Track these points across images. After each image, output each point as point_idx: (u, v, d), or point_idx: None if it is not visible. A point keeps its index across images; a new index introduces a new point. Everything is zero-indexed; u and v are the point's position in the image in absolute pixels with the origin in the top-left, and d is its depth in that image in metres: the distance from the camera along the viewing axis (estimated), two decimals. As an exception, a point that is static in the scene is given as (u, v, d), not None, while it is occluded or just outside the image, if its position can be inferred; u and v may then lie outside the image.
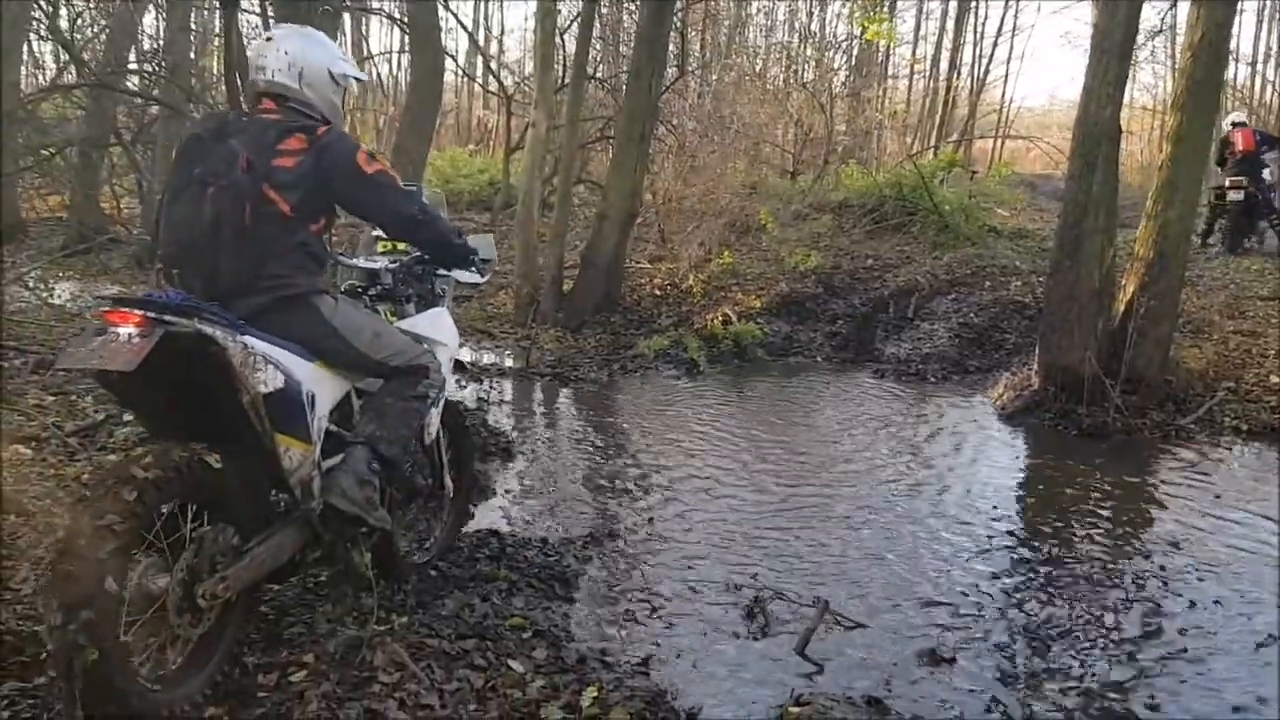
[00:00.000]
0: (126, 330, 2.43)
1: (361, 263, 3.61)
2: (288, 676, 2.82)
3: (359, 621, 3.13)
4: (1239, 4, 6.81)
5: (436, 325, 3.59)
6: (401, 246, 3.64)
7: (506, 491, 4.97)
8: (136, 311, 2.46)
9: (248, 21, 12.16)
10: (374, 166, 2.99)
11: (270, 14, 6.32)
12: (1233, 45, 24.06)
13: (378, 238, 3.70)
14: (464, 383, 6.75)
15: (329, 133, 2.96)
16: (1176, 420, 6.46)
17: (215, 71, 10.56)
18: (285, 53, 3.03)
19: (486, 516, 4.56)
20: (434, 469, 3.75)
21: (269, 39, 3.15)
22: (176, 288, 2.78)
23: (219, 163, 2.81)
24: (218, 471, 2.62)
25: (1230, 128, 11.69)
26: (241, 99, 4.44)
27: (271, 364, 2.71)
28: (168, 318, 2.48)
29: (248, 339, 2.65)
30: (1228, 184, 11.14)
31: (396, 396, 3.12)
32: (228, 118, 3.07)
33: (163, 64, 10.25)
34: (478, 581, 3.68)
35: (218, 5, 6.11)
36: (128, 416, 4.77)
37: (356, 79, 3.33)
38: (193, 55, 11.99)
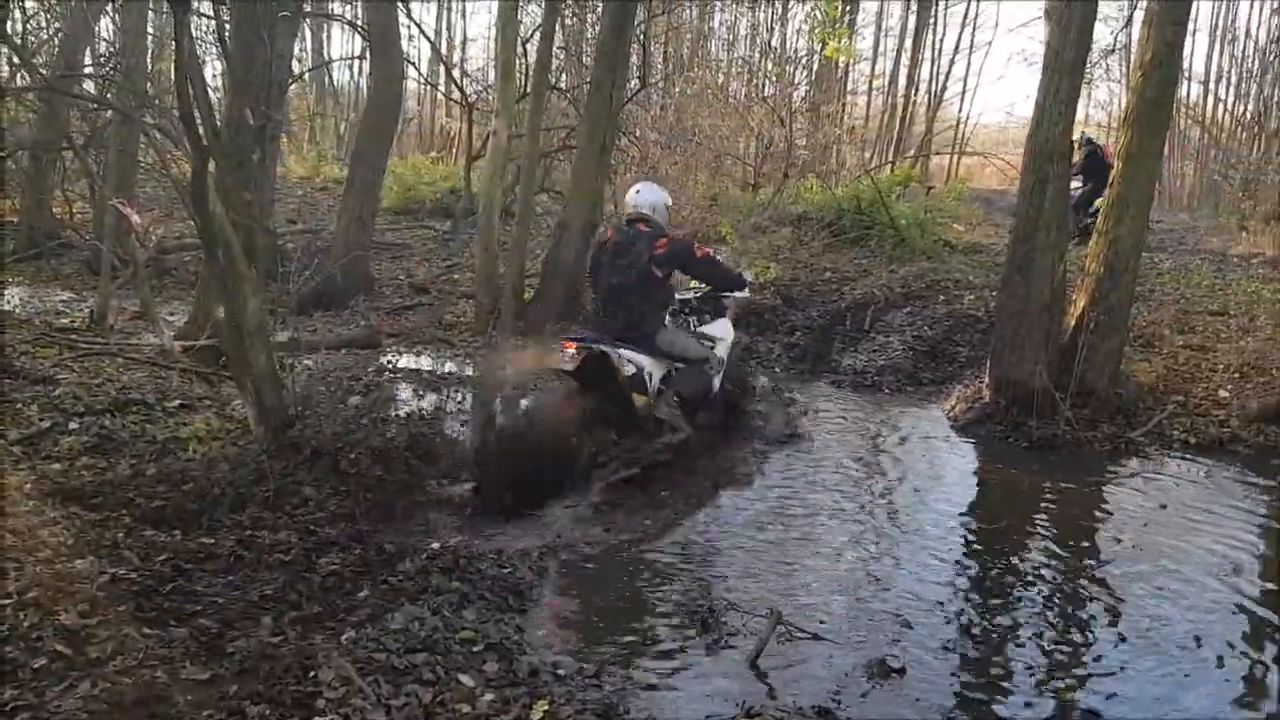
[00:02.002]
0: (570, 351, 5.24)
1: (679, 294, 6.28)
2: (227, 691, 2.78)
3: (302, 635, 3.09)
4: (1190, 24, 6.93)
5: (721, 329, 6.38)
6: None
7: (462, 500, 4.93)
8: (574, 342, 5.30)
9: (201, 25, 12.05)
10: (701, 251, 5.89)
11: (225, 18, 6.25)
12: (1185, 64, 24.69)
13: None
14: (422, 392, 6.71)
15: (677, 239, 5.89)
16: (1126, 433, 6.57)
17: (171, 75, 10.41)
18: (647, 199, 5.87)
19: (441, 529, 4.53)
20: (726, 405, 6.35)
21: (638, 191, 5.98)
22: (603, 320, 5.67)
23: (629, 254, 5.58)
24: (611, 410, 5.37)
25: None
26: (194, 103, 4.38)
27: (630, 361, 5.42)
28: (588, 344, 5.24)
29: (620, 350, 5.37)
30: None
31: (691, 371, 5.91)
32: (630, 233, 5.70)
33: (117, 68, 10.09)
34: (429, 594, 3.65)
35: (168, 9, 6.04)
36: (73, 425, 4.72)
37: (668, 205, 6.06)
38: (149, 59, 11.82)
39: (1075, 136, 9.54)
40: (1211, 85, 25.96)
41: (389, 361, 7.56)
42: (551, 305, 8.97)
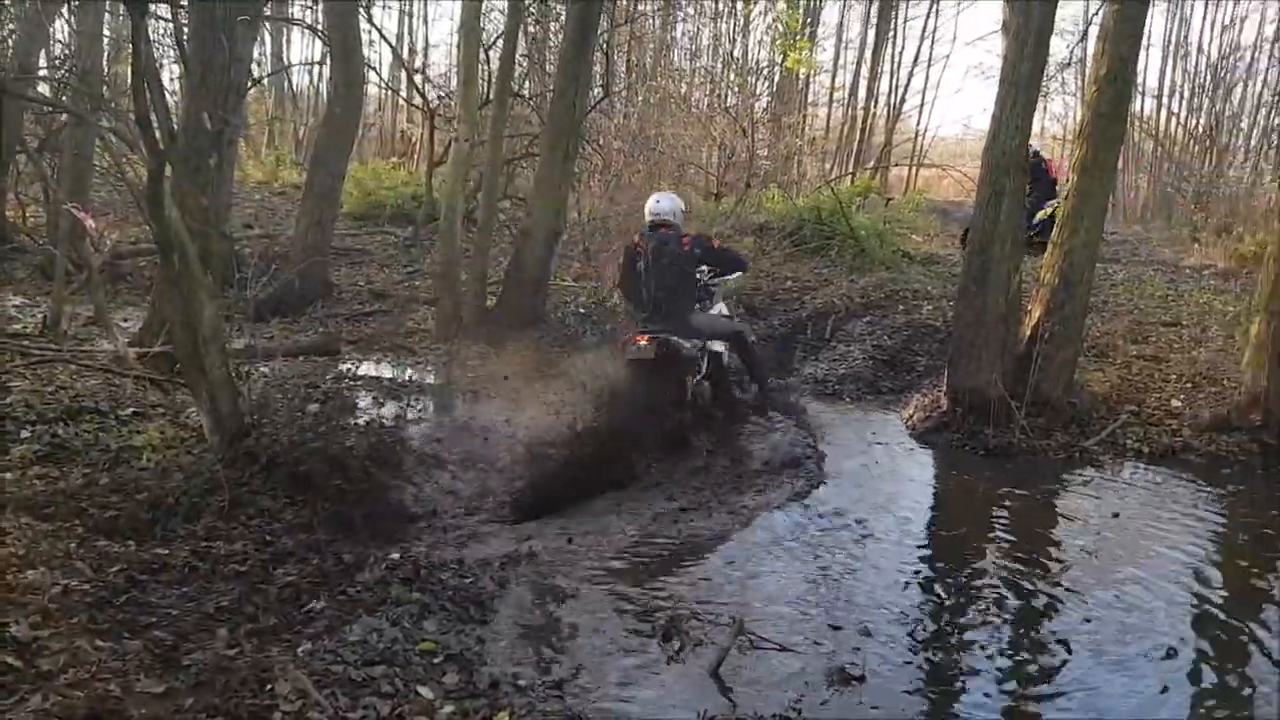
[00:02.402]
0: (643, 343, 6.14)
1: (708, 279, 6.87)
2: (182, 704, 2.73)
3: (258, 647, 3.05)
4: (1144, 39, 7.08)
5: (724, 309, 7.19)
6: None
7: (422, 510, 4.89)
8: (645, 334, 6.20)
9: (158, 28, 11.89)
10: (715, 242, 6.95)
11: (183, 21, 6.17)
12: (1139, 79, 25.18)
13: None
14: (382, 400, 6.65)
15: (695, 236, 6.77)
16: (1080, 442, 6.68)
17: (128, 78, 10.28)
18: (667, 206, 6.66)
19: (401, 538, 4.49)
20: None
21: (658, 200, 6.73)
22: (655, 313, 6.44)
23: (667, 254, 6.42)
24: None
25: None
26: (150, 107, 4.33)
27: (686, 345, 6.32)
28: (658, 336, 6.18)
29: (676, 338, 6.29)
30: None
31: (732, 345, 6.84)
32: (661, 236, 6.50)
33: (72, 70, 9.93)
34: (388, 605, 3.61)
35: (125, 11, 5.95)
36: (24, 434, 4.63)
37: (683, 210, 7.00)
38: (105, 62, 11.64)
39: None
40: (1165, 99, 26.48)
41: (348, 369, 7.48)
42: (514, 313, 8.95)
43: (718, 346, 6.65)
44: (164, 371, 6.21)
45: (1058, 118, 26.47)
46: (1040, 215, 11.51)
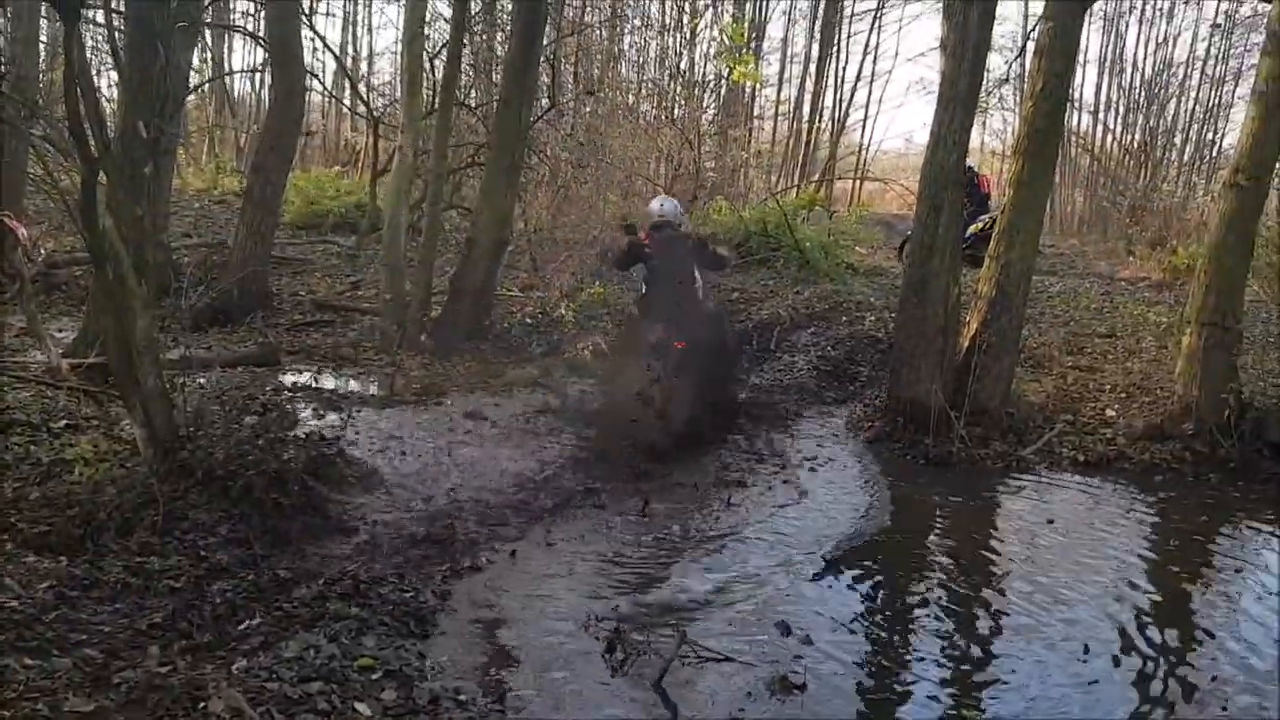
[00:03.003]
0: (680, 345, 6.76)
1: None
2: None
3: (192, 665, 2.99)
4: (1080, 56, 7.26)
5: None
6: None
7: (363, 523, 4.83)
8: (679, 341, 6.74)
9: (95, 34, 11.66)
10: (710, 245, 7.75)
11: (117, 26, 6.05)
12: (1076, 95, 25.79)
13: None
14: (322, 412, 6.56)
15: (694, 236, 7.73)
16: (1017, 451, 6.80)
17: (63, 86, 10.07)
18: (670, 209, 7.49)
19: (341, 552, 4.43)
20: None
21: (662, 204, 7.57)
22: (672, 303, 6.98)
23: (677, 249, 7.18)
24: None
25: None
26: (84, 115, 4.24)
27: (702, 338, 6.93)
28: (687, 340, 6.79)
29: (694, 336, 6.78)
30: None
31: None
32: (668, 234, 7.28)
33: (5, 77, 9.68)
34: (326, 620, 3.56)
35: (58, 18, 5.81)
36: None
37: (682, 211, 8.07)
38: (40, 68, 11.36)
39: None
40: (1101, 115, 27.16)
41: (289, 380, 7.38)
42: (459, 323, 8.90)
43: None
44: (98, 383, 6.07)
45: (997, 133, 27.04)
46: (973, 229, 11.77)
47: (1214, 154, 24.27)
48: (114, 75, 11.30)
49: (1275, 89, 6.68)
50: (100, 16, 7.52)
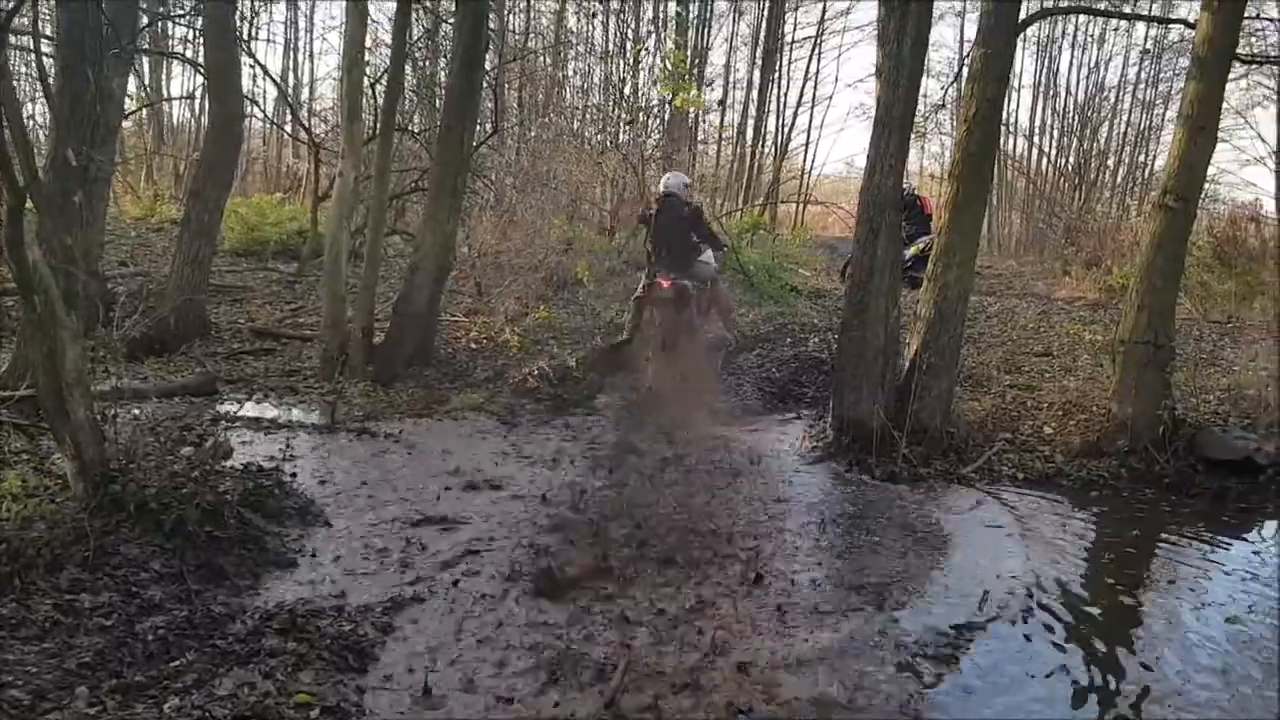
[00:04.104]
0: (666, 285, 9.09)
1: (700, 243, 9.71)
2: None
3: (122, 704, 2.91)
4: (1014, 81, 7.44)
5: (712, 263, 9.87)
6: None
7: (301, 556, 4.74)
8: (668, 279, 9.09)
9: (25, 61, 11.43)
10: (708, 219, 10.43)
11: (47, 52, 5.95)
12: (1011, 119, 26.42)
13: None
14: (261, 441, 6.45)
15: (693, 207, 9.80)
16: (958, 469, 6.89)
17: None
18: (673, 182, 9.62)
19: (278, 586, 4.34)
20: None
21: (668, 177, 9.80)
22: (664, 257, 9.18)
23: (673, 218, 9.26)
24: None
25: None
26: (9, 141, 4.15)
27: (689, 285, 9.27)
28: (676, 281, 9.14)
29: (682, 280, 9.19)
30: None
31: (711, 289, 9.83)
32: (670, 202, 9.39)
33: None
34: (261, 657, 3.49)
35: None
36: None
37: (686, 185, 10.09)
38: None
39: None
40: (1036, 138, 27.85)
41: (227, 410, 7.25)
42: (402, 349, 8.83)
43: (698, 287, 9.51)
44: (28, 416, 5.91)
45: (936, 157, 27.62)
46: (912, 251, 11.97)
47: (1146, 175, 25.08)
48: (44, 102, 11.08)
49: (1200, 112, 6.91)
50: (28, 41, 7.39)
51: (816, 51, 26.77)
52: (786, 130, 26.62)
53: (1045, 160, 27.61)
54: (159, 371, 8.25)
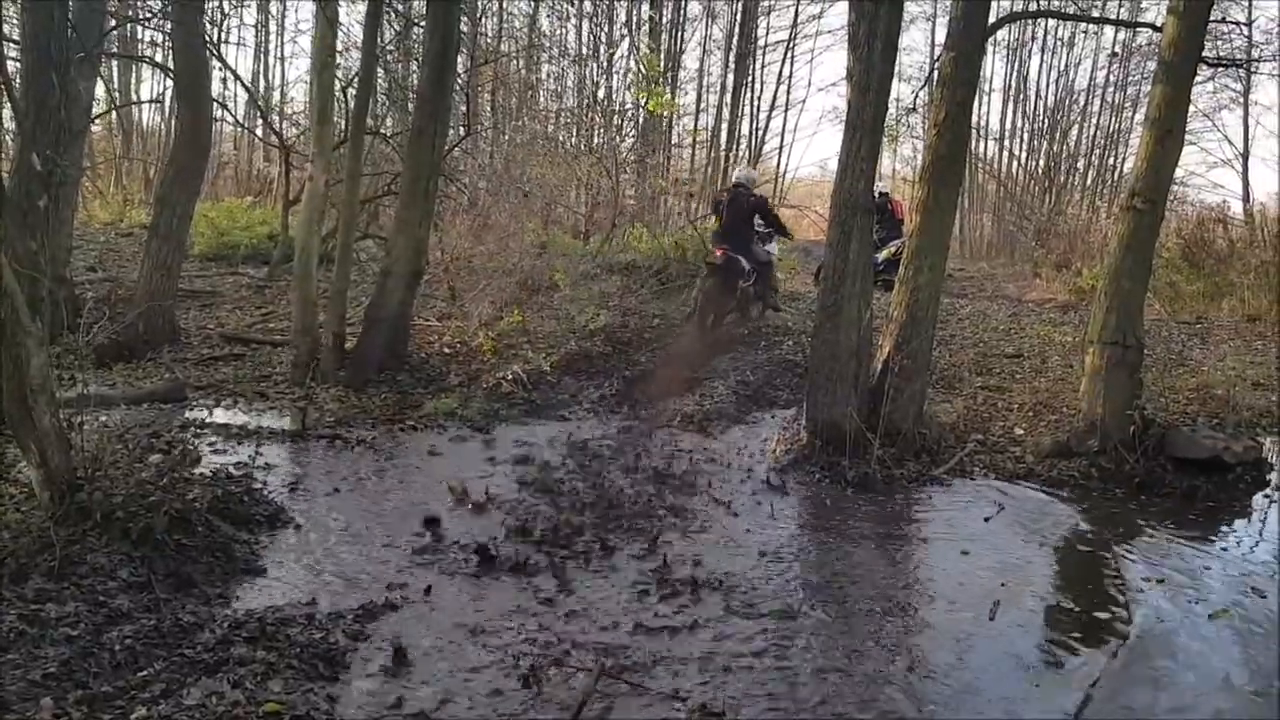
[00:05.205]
0: (719, 253, 10.97)
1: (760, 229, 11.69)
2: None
3: (88, 715, 2.87)
4: (985, 85, 7.50)
5: (773, 248, 12.13)
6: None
7: (272, 564, 4.69)
8: (722, 248, 11.00)
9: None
10: (772, 207, 12.09)
11: (12, 56, 5.88)
12: (981, 123, 26.63)
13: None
14: (231, 448, 6.39)
15: (759, 197, 11.65)
16: (931, 470, 6.92)
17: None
18: (743, 175, 11.81)
19: (247, 594, 4.29)
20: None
21: (738, 170, 12.40)
22: (725, 237, 11.14)
23: (739, 205, 11.13)
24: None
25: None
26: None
27: (742, 260, 11.01)
28: (728, 253, 10.95)
29: (738, 256, 10.96)
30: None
31: (763, 271, 11.56)
32: (737, 191, 11.28)
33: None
34: (229, 665, 3.45)
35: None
36: None
37: (753, 180, 12.80)
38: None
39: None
40: (1006, 142, 28.11)
41: (196, 416, 7.17)
42: (374, 354, 8.76)
43: (753, 266, 11.16)
44: (-8, 425, 5.83)
45: (907, 160, 27.82)
46: (884, 254, 12.08)
47: (1115, 178, 25.38)
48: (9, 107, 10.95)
49: (1167, 115, 6.99)
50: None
51: (789, 55, 26.95)
52: (760, 133, 26.76)
53: (1016, 163, 27.89)
54: (127, 378, 8.15)
